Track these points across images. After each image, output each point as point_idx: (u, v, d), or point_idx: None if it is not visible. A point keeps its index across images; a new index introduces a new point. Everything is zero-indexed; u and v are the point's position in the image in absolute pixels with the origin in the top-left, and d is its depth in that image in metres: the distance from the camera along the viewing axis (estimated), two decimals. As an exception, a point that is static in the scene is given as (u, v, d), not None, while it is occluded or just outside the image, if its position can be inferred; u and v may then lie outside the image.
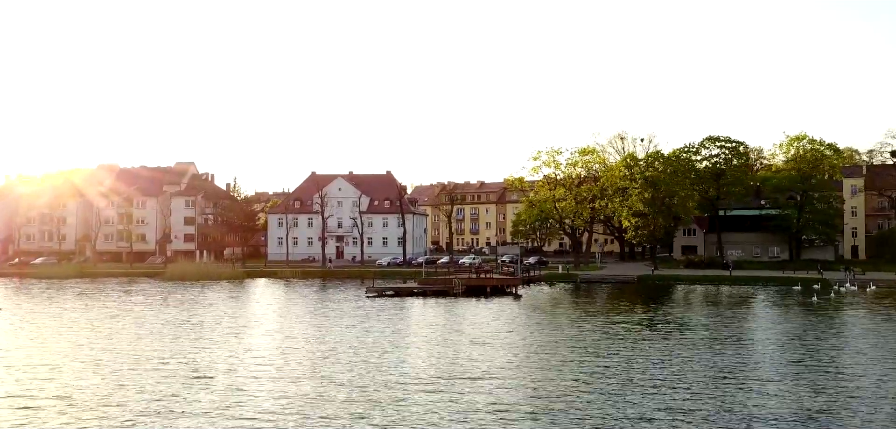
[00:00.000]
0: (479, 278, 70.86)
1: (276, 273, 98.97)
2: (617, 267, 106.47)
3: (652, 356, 37.14)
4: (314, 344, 41.65)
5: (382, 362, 35.76)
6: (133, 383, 31.28)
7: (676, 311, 57.95)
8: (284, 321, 51.91)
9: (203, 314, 56.49)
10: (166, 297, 71.30)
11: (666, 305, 62.35)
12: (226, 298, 70.07)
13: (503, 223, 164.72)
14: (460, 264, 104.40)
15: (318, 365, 35.27)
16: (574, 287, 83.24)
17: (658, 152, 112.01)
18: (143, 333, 46.58)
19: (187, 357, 37.51)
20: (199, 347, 40.87)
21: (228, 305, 63.93)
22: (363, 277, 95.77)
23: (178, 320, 52.64)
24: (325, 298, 68.95)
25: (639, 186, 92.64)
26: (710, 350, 39.00)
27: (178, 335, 45.41)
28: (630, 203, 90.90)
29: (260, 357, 37.42)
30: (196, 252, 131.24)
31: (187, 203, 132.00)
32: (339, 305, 63.32)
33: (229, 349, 39.87)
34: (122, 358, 37.42)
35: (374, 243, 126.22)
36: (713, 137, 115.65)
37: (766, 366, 34.70)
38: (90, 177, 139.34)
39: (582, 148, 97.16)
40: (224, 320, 52.32)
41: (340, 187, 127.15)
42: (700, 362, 35.82)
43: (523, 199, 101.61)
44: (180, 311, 59.05)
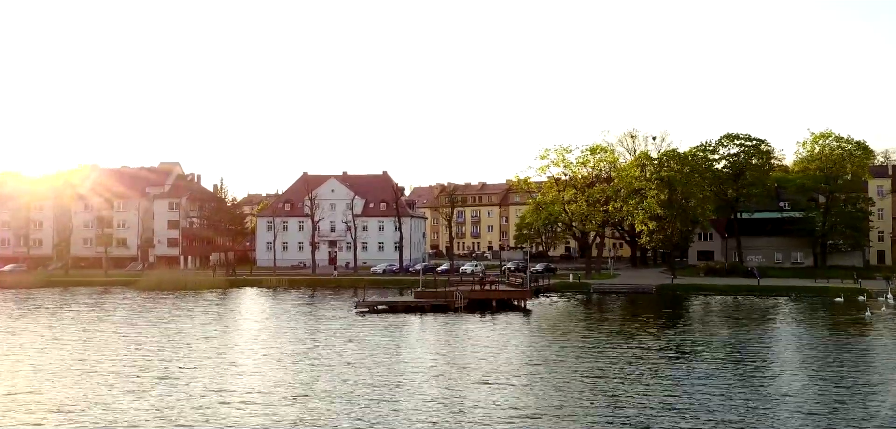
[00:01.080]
0: (483, 291, 63.15)
1: (261, 282, 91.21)
2: (630, 274, 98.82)
3: (701, 399, 29.41)
4: (282, 387, 33.81)
5: (363, 420, 27.99)
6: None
7: (713, 331, 50.21)
8: (254, 351, 43.93)
9: (162, 337, 48.68)
10: (132, 312, 63.55)
11: (697, 323, 54.68)
12: (198, 314, 62.29)
13: (506, 227, 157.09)
14: (462, 272, 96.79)
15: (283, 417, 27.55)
16: (586, 298, 75.84)
17: (673, 151, 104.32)
18: (71, 364, 38.81)
19: (111, 406, 29.75)
20: (135, 391, 33.09)
21: (198, 323, 56.11)
22: (356, 286, 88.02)
23: (129, 344, 44.93)
24: (311, 315, 61.15)
25: (655, 188, 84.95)
26: (780, 392, 31.25)
27: (116, 374, 37.62)
28: (646, 206, 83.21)
29: (204, 406, 29.56)
30: (180, 258, 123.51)
31: (171, 205, 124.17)
32: (324, 323, 55.55)
33: (168, 396, 31.99)
34: (19, 403, 29.68)
35: (369, 248, 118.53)
36: (732, 135, 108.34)
37: (857, 412, 27.02)
38: (68, 178, 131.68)
39: (592, 146, 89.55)
40: (180, 351, 44.36)
41: (333, 188, 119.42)
42: (778, 410, 28.07)
43: (529, 201, 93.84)
44: (140, 331, 51.29)
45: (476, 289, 63.30)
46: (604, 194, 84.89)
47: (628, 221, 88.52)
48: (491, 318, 56.83)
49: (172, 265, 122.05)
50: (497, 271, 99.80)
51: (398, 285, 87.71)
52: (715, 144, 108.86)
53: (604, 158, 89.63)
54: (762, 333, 49.15)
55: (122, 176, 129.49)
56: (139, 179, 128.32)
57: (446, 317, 57.07)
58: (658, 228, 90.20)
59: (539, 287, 76.23)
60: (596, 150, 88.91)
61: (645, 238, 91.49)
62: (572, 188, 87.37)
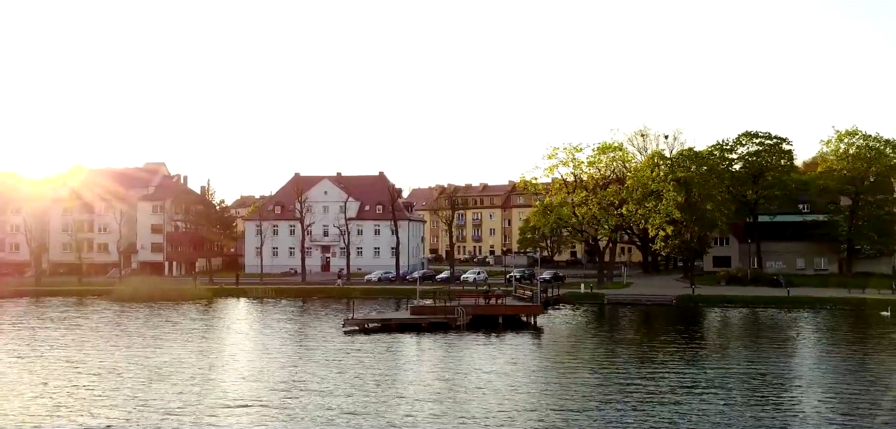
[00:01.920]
0: (488, 305, 56.24)
1: (246, 292, 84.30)
2: (644, 283, 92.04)
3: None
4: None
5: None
6: None
7: (757, 354, 43.30)
8: (215, 383, 37.11)
9: (117, 362, 41.84)
10: (96, 329, 56.70)
11: (734, 346, 47.75)
12: (167, 332, 55.41)
13: (509, 230, 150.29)
14: (463, 281, 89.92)
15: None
16: (601, 311, 69.21)
17: (689, 150, 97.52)
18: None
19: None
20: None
21: (162, 345, 49.23)
22: (349, 297, 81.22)
23: (72, 368, 38.12)
24: (294, 334, 54.27)
25: (672, 190, 78.13)
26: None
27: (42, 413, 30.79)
28: (664, 209, 76.36)
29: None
30: (165, 264, 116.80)
31: (155, 208, 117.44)
32: (307, 344, 48.76)
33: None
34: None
35: (364, 253, 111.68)
36: (750, 133, 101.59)
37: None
38: (48, 180, 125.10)
39: (604, 144, 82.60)
40: (124, 383, 37.56)
41: (326, 190, 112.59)
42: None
43: (536, 204, 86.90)
44: (92, 354, 44.43)
45: (480, 304, 56.37)
46: (618, 197, 78.01)
47: (641, 225, 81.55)
48: (497, 339, 49.98)
49: (156, 272, 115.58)
50: (501, 279, 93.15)
51: (394, 296, 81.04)
52: (732, 143, 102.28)
53: (616, 157, 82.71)
54: (813, 356, 42.38)
55: (104, 177, 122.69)
56: (122, 181, 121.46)
57: (446, 337, 50.22)
58: (674, 234, 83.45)
59: (548, 299, 69.49)
60: (607, 148, 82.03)
61: (659, 244, 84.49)
62: (583, 190, 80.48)
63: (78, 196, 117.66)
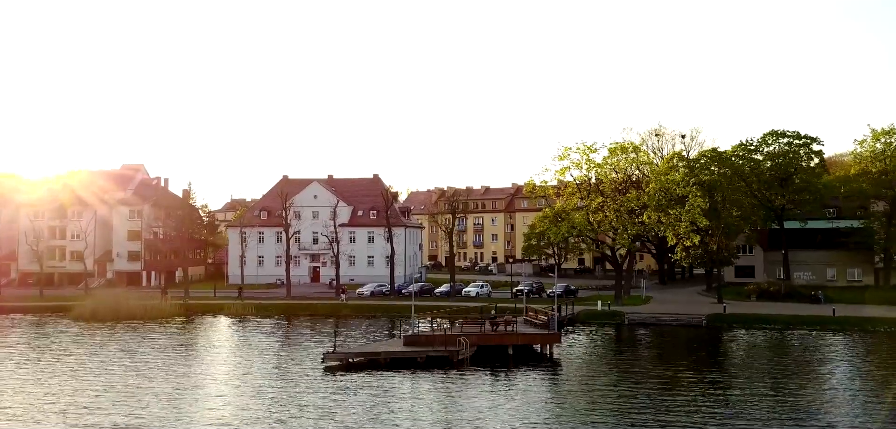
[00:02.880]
0: (496, 333, 47.71)
1: (224, 308, 75.76)
2: (663, 296, 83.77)
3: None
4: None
5: None
6: None
7: (829, 396, 34.85)
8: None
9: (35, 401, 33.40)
10: (36, 354, 48.18)
11: (795, 379, 39.27)
12: (115, 364, 46.95)
13: (512, 235, 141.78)
14: (465, 294, 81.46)
15: None
16: (622, 334, 61.07)
17: (713, 150, 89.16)
18: None
19: None
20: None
21: (108, 379, 40.72)
22: (338, 315, 72.89)
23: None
24: (265, 370, 45.73)
25: (700, 194, 69.70)
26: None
27: None
28: (691, 216, 67.88)
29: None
30: (142, 274, 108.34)
31: (132, 214, 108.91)
32: (277, 384, 40.33)
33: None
34: None
35: (356, 263, 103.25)
36: (777, 132, 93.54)
37: None
38: (19, 181, 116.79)
39: (621, 144, 74.04)
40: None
41: (316, 194, 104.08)
42: None
43: (545, 209, 78.24)
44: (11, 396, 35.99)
45: (487, 331, 47.82)
46: (638, 202, 69.50)
47: (661, 234, 72.96)
48: (507, 379, 41.50)
49: (134, 282, 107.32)
50: (506, 292, 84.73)
51: (388, 314, 72.58)
52: (757, 143, 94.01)
53: (636, 159, 74.19)
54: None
55: (78, 179, 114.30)
56: (97, 183, 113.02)
57: (447, 376, 41.71)
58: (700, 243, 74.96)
59: (562, 319, 61.18)
60: (625, 149, 73.54)
61: (680, 253, 75.75)
62: (599, 194, 71.95)
63: (49, 200, 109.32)
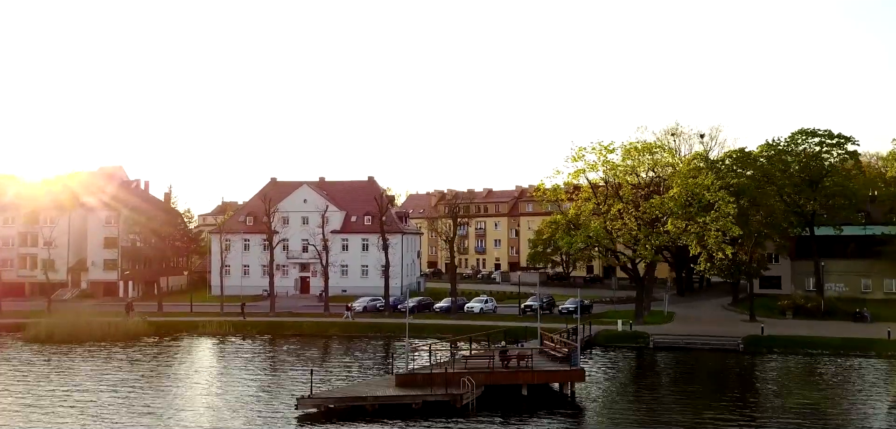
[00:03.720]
0: (507, 370, 39.80)
1: (199, 326, 67.96)
2: (686, 310, 76.19)
3: None
4: None
5: None
6: None
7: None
8: None
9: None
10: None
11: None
12: (44, 405, 39.16)
13: (517, 241, 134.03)
14: (468, 310, 73.62)
15: None
16: (648, 360, 53.54)
17: (741, 151, 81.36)
18: None
19: None
20: None
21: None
22: (325, 334, 65.19)
23: None
24: (228, 415, 37.92)
25: (732, 200, 61.91)
26: None
27: None
28: (722, 225, 60.07)
29: None
30: (119, 284, 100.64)
31: (108, 219, 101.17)
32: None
33: None
34: None
35: (350, 273, 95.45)
36: (807, 130, 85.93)
37: None
38: None
39: (643, 143, 66.20)
40: None
41: (306, 198, 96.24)
42: None
43: (556, 216, 70.23)
44: None
45: (496, 366, 39.93)
46: (663, 209, 61.63)
47: (686, 243, 64.94)
48: (520, 426, 33.74)
49: (110, 293, 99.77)
50: (513, 306, 76.95)
51: (381, 334, 64.83)
52: (785, 142, 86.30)
53: (660, 160, 66.33)
54: None
55: (52, 183, 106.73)
56: (72, 187, 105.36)
57: (448, 426, 33.92)
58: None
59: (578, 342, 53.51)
60: (647, 148, 65.71)
61: (704, 264, 67.72)
62: (618, 200, 64.10)
63: (17, 205, 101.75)
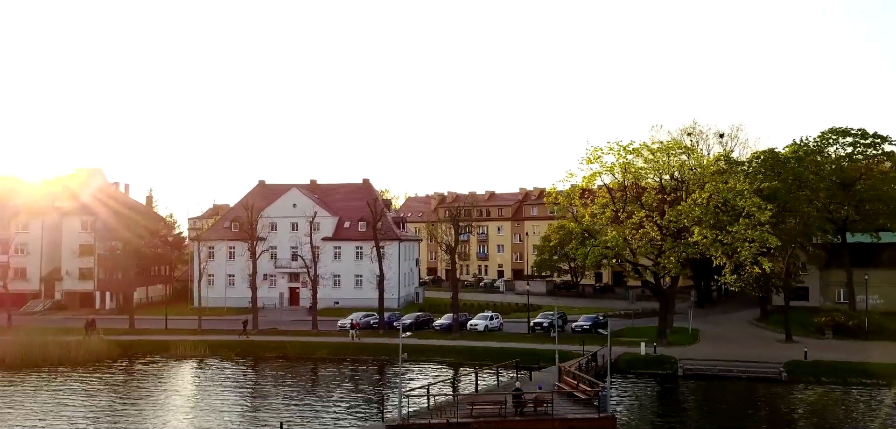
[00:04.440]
0: (522, 417, 32.75)
1: (169, 347, 60.94)
2: (710, 326, 69.59)
3: None
4: None
5: None
6: None
7: None
8: None
9: None
10: None
11: None
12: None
13: (521, 247, 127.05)
14: (471, 328, 66.56)
15: None
16: (678, 391, 46.58)
17: (770, 152, 74.35)
18: None
19: None
20: None
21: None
22: (313, 358, 58.29)
23: None
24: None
25: (769, 208, 54.88)
26: None
27: None
28: (759, 236, 53.12)
29: None
30: (95, 294, 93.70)
31: (84, 225, 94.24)
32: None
33: None
34: None
35: (342, 283, 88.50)
36: (839, 130, 79.51)
37: None
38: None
39: (672, 141, 59.49)
40: None
41: (295, 202, 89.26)
42: None
43: (571, 225, 63.04)
44: None
45: (509, 415, 32.92)
46: (690, 217, 54.62)
47: (713, 256, 57.76)
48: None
49: (86, 304, 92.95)
50: (522, 322, 70.02)
51: (375, 358, 57.85)
52: (814, 143, 79.51)
53: (686, 162, 59.28)
54: None
55: (25, 186, 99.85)
56: (45, 190, 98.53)
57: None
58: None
59: (599, 370, 46.72)
60: (675, 148, 58.80)
61: (729, 276, 60.31)
62: (639, 206, 57.12)
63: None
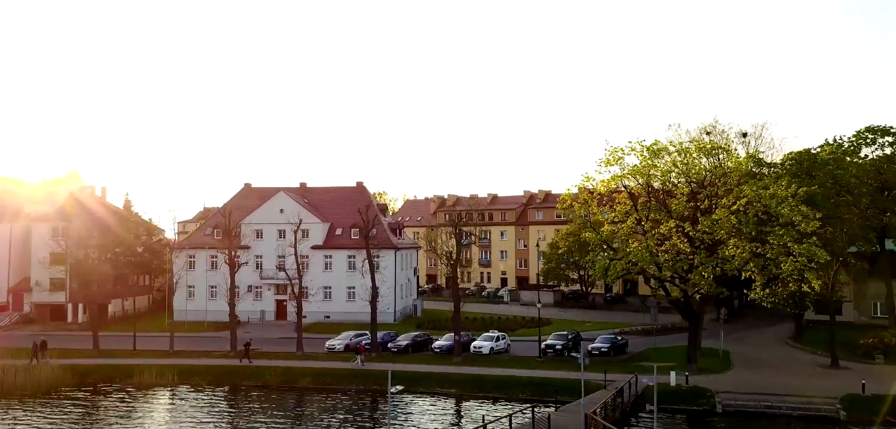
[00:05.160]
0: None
1: (134, 374, 53.72)
2: (740, 347, 62.51)
3: None
4: None
5: None
6: None
7: None
8: None
9: None
10: None
11: None
12: None
13: (525, 252, 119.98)
14: (475, 350, 59.41)
15: None
16: (704, 421, 40.00)
17: (806, 153, 67.27)
18: None
19: None
20: None
21: None
22: (296, 387, 51.34)
23: None
24: None
25: (817, 216, 47.84)
26: None
27: None
28: (807, 249, 46.10)
29: None
30: (67, 307, 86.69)
31: (55, 231, 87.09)
32: None
33: None
34: None
35: (334, 296, 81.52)
36: (876, 128, 72.72)
37: None
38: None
39: (709, 142, 52.54)
40: None
41: (282, 207, 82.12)
42: None
43: (588, 234, 55.72)
44: None
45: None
46: (728, 227, 47.58)
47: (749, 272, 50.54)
48: None
49: (57, 317, 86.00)
50: (530, 342, 62.94)
51: (364, 386, 50.80)
52: (852, 142, 72.63)
53: (720, 164, 52.17)
54: None
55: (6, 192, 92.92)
56: (14, 194, 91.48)
57: None
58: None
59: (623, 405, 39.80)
60: (708, 148, 51.82)
61: (759, 291, 53.09)
62: (668, 215, 50.07)
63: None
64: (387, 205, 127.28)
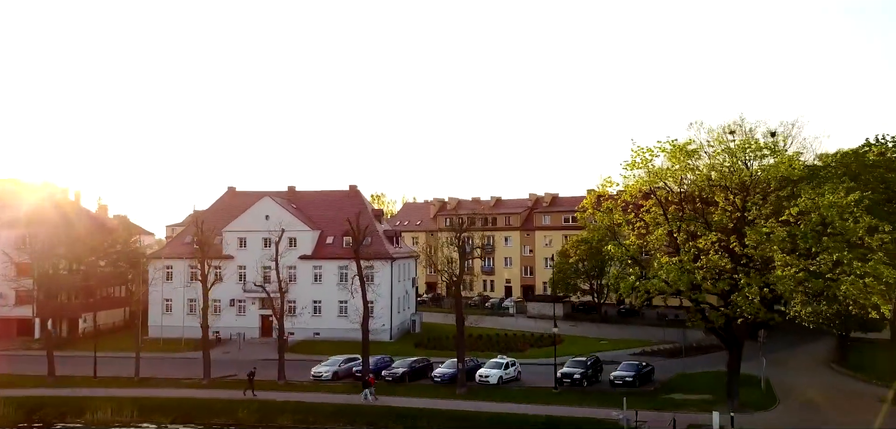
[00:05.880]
0: None
1: (87, 407, 46.51)
2: (780, 375, 55.34)
3: None
4: None
5: None
6: None
7: None
8: None
9: None
10: None
11: None
12: None
13: (531, 259, 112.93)
14: (482, 379, 52.10)
15: None
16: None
17: (853, 153, 60.20)
18: None
19: None
20: None
21: None
22: (271, 426, 44.24)
23: None
24: None
25: (887, 229, 40.84)
26: None
27: None
28: (873, 267, 39.09)
29: None
30: (35, 322, 79.50)
31: (21, 241, 79.86)
32: None
33: None
34: None
35: (324, 310, 74.40)
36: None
37: None
38: None
39: (760, 143, 45.62)
40: None
41: (268, 213, 74.84)
42: None
43: (611, 247, 48.40)
44: None
45: None
46: (778, 241, 40.49)
47: (808, 289, 43.45)
48: None
49: (24, 332, 78.91)
50: (543, 368, 55.81)
51: (352, 426, 43.61)
52: (892, 142, 65.53)
53: (768, 166, 45.11)
54: None
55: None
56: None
57: None
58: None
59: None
60: (756, 148, 44.91)
61: (799, 308, 46.10)
62: (707, 228, 42.94)
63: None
64: (383, 209, 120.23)
